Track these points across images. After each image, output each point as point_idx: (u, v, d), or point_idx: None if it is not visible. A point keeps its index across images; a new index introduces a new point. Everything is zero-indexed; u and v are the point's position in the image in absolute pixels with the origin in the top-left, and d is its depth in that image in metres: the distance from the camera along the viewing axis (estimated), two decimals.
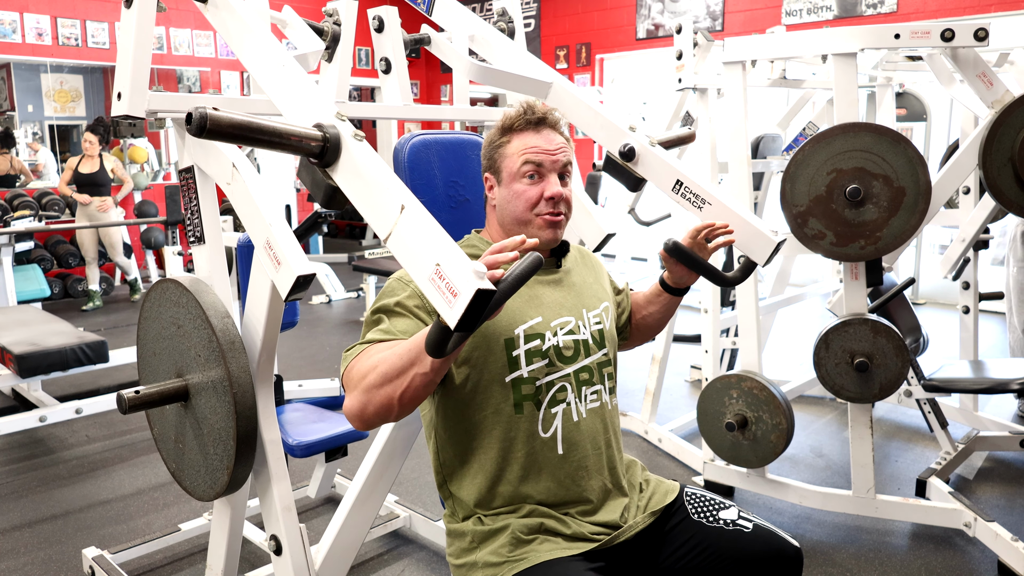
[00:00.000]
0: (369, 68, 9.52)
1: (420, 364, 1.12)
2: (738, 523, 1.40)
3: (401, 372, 1.14)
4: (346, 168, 1.16)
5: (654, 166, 1.63)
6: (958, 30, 2.27)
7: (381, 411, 1.17)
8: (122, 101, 1.45)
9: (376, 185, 1.11)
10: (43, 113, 8.67)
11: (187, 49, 7.97)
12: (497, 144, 1.40)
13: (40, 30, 6.96)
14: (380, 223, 1.10)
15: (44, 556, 2.49)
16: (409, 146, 1.58)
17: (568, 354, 1.36)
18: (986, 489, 2.91)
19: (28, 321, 3.73)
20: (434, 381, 1.15)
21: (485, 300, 0.93)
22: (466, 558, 1.35)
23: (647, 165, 1.64)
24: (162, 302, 1.55)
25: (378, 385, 1.16)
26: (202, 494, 1.54)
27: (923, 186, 2.27)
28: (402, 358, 1.14)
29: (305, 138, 1.15)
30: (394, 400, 1.15)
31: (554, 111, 1.42)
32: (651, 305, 1.63)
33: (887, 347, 2.40)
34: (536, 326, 1.34)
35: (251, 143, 1.10)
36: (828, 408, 3.83)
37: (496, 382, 1.31)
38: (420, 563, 2.44)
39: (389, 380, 1.15)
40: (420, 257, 1.01)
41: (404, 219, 1.04)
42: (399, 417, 1.19)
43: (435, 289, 0.98)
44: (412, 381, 1.14)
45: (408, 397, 1.15)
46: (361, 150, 1.14)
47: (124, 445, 3.43)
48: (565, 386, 1.34)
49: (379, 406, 1.17)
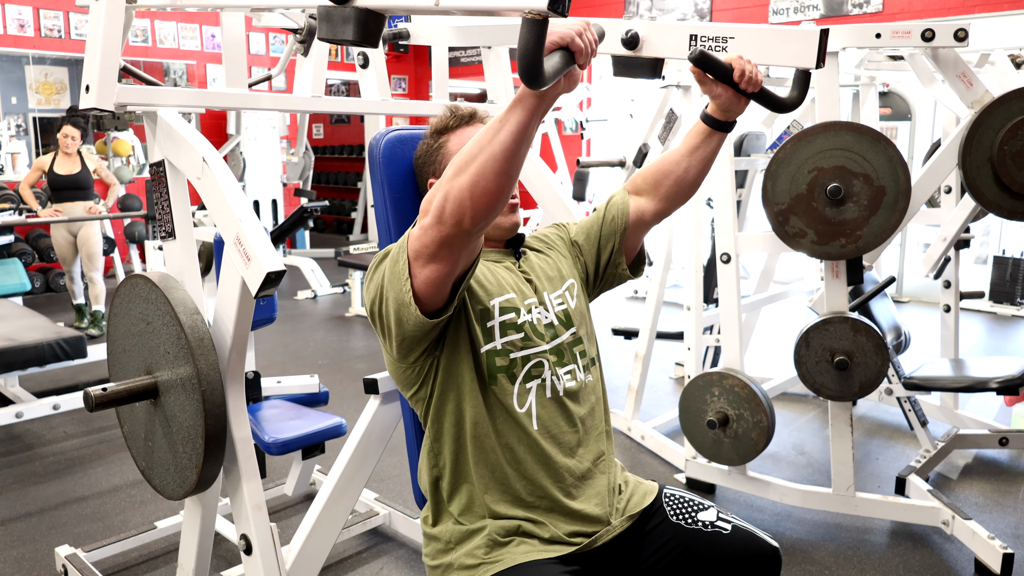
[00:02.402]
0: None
1: (502, 127, 1.02)
2: (717, 524, 1.39)
3: (479, 150, 1.04)
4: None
5: (661, 38, 1.48)
6: (938, 30, 2.27)
7: (457, 208, 1.06)
8: (90, 94, 1.42)
9: None
10: (27, 105, 8.57)
11: (172, 42, 7.90)
12: (436, 147, 1.42)
13: (22, 21, 6.87)
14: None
15: (17, 555, 2.46)
16: (384, 141, 1.56)
17: (541, 331, 1.35)
18: (967, 488, 2.92)
19: (5, 316, 3.69)
20: (505, 170, 1.03)
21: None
22: (442, 559, 1.33)
23: (654, 42, 1.50)
24: (132, 298, 1.53)
25: (454, 175, 1.06)
26: (171, 493, 1.52)
27: (903, 185, 2.27)
28: (481, 136, 1.04)
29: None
30: (465, 192, 1.05)
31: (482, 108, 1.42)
32: (693, 153, 1.45)
33: (867, 345, 2.41)
34: (511, 300, 1.33)
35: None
36: (811, 405, 3.84)
37: (470, 354, 1.29)
38: (399, 561, 2.43)
39: (467, 163, 1.05)
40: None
41: None
42: (474, 222, 1.07)
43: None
44: (488, 158, 1.02)
45: (481, 189, 1.04)
46: None
47: (102, 442, 3.40)
48: (542, 362, 1.33)
49: (454, 201, 1.06)
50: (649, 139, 3.45)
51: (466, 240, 1.13)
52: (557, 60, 0.98)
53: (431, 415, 1.33)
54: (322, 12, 1.07)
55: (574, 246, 1.53)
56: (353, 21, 1.06)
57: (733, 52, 1.40)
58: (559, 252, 1.52)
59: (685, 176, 1.47)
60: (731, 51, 1.41)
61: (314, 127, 11.08)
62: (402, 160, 1.57)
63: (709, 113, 1.42)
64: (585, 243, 1.52)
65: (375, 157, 1.55)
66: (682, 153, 1.46)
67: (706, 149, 1.45)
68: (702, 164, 1.46)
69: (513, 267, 1.42)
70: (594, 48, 1.05)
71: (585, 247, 1.52)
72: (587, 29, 1.05)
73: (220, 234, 2.19)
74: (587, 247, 1.52)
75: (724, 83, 1.34)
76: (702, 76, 1.34)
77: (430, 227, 1.11)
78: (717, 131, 1.43)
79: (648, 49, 1.49)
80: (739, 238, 2.68)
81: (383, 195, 1.50)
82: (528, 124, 1.02)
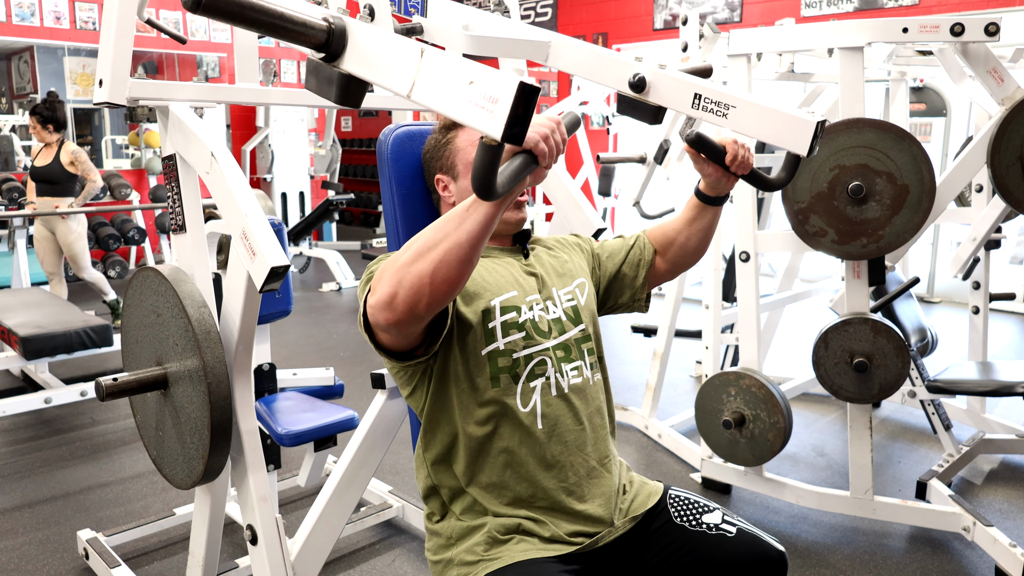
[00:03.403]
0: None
1: (456, 231, 1.02)
2: (721, 527, 1.38)
3: (436, 243, 1.03)
4: (355, 52, 1.05)
5: (667, 88, 1.48)
6: (968, 25, 2.21)
7: (412, 295, 1.05)
8: (103, 88, 1.45)
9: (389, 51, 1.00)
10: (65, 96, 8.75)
11: (204, 35, 8.00)
12: (444, 143, 1.43)
13: (58, 13, 7.01)
14: (401, 80, 0.98)
15: (42, 536, 2.53)
16: (393, 137, 1.56)
17: (544, 328, 1.34)
18: (991, 493, 2.86)
19: (36, 303, 3.78)
20: (469, 257, 1.03)
21: (530, 98, 0.84)
22: (443, 555, 1.34)
23: (660, 90, 1.49)
24: (143, 290, 1.55)
25: (411, 262, 1.04)
26: (180, 482, 1.55)
27: (927, 184, 2.21)
28: (438, 229, 1.04)
29: (310, 25, 1.03)
30: (425, 278, 1.03)
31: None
32: (691, 224, 1.52)
33: (887, 347, 2.36)
34: (512, 299, 1.33)
35: (250, 25, 0.99)
36: (832, 407, 3.78)
37: (473, 356, 1.28)
38: (411, 553, 2.45)
39: (423, 254, 1.04)
40: (451, 86, 0.91)
41: (425, 62, 0.95)
42: (429, 308, 1.07)
43: (474, 108, 0.87)
44: (447, 253, 1.02)
45: (441, 276, 1.03)
46: (368, 29, 1.05)
47: (127, 428, 3.47)
48: (545, 360, 1.32)
49: (410, 288, 1.04)
50: (670, 135, 3.41)
51: (418, 323, 1.12)
52: (518, 165, 0.96)
53: (425, 421, 1.34)
54: (311, 66, 1.11)
55: (594, 258, 1.56)
56: (336, 83, 1.08)
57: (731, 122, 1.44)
58: (575, 253, 1.53)
59: (687, 244, 1.53)
60: (731, 119, 1.44)
61: (342, 120, 11.15)
62: (410, 156, 1.57)
63: (700, 189, 1.48)
64: (608, 261, 1.55)
65: (383, 153, 1.55)
66: (683, 222, 1.53)
67: (703, 221, 1.51)
68: (702, 234, 1.52)
69: (516, 263, 1.41)
70: (561, 148, 1.02)
71: (608, 264, 1.55)
72: (556, 130, 1.01)
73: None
74: (609, 265, 1.55)
75: (716, 163, 1.40)
76: (696, 155, 1.40)
77: (379, 310, 1.09)
78: (709, 206, 1.49)
79: (654, 95, 1.53)
80: (759, 236, 2.64)
81: (391, 192, 1.50)
82: (495, 215, 1.03)
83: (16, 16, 6.79)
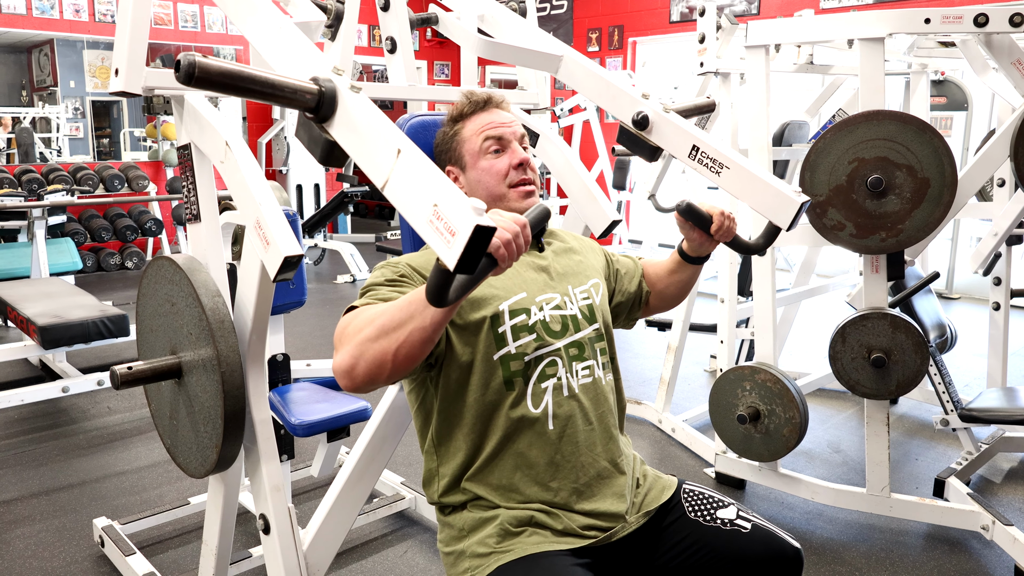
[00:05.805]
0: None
1: (420, 316, 1.06)
2: (736, 522, 1.36)
3: (399, 325, 1.08)
4: (342, 121, 1.09)
5: (669, 133, 1.54)
6: (992, 15, 2.17)
7: (373, 368, 1.10)
8: (119, 77, 1.45)
9: (372, 132, 1.05)
10: (84, 89, 8.83)
11: (220, 27, 8.03)
12: (452, 134, 1.44)
13: (78, 6, 7.06)
14: (377, 171, 1.03)
15: (59, 524, 2.55)
16: (407, 127, 1.55)
17: (556, 328, 1.33)
18: (1011, 492, 2.82)
19: (55, 293, 3.81)
20: (432, 338, 1.09)
21: (485, 238, 0.88)
22: (455, 546, 1.33)
23: (661, 133, 1.55)
24: (158, 279, 1.55)
25: (373, 338, 1.09)
26: (194, 471, 1.56)
27: (948, 178, 2.18)
28: (401, 310, 1.08)
29: (300, 90, 1.07)
30: (388, 356, 1.08)
31: (497, 93, 1.44)
32: (671, 275, 1.58)
33: (906, 343, 2.33)
34: (521, 301, 1.32)
35: (243, 93, 1.04)
36: (850, 402, 3.74)
37: (484, 362, 1.28)
38: (423, 544, 2.45)
39: (386, 333, 1.08)
40: (417, 200, 0.95)
41: (400, 163, 0.99)
42: (390, 379, 1.12)
43: (433, 231, 0.92)
44: (410, 335, 1.07)
45: (403, 354, 1.08)
46: (357, 101, 1.08)
47: (143, 418, 3.49)
48: (555, 360, 1.31)
49: (371, 362, 1.10)
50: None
51: (380, 387, 1.16)
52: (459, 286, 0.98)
53: (432, 426, 1.34)
54: (302, 120, 1.15)
55: (609, 265, 1.57)
56: (321, 146, 1.12)
57: (723, 181, 1.49)
58: (592, 255, 1.53)
59: (665, 292, 1.61)
60: (723, 178, 1.50)
61: None
62: (425, 146, 1.56)
63: (683, 249, 1.55)
64: (624, 278, 1.59)
65: None
66: (664, 272, 1.60)
67: (683, 276, 1.58)
68: (679, 288, 1.61)
69: (524, 257, 1.41)
70: (524, 250, 1.00)
71: (624, 277, 1.59)
72: (519, 235, 0.99)
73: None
74: (622, 283, 1.58)
75: (700, 229, 1.47)
76: (683, 222, 1.47)
77: (339, 375, 1.13)
78: (689, 264, 1.56)
79: (656, 136, 1.58)
80: None
81: None
82: (431, 334, 1.08)
83: (36, 9, 6.84)
